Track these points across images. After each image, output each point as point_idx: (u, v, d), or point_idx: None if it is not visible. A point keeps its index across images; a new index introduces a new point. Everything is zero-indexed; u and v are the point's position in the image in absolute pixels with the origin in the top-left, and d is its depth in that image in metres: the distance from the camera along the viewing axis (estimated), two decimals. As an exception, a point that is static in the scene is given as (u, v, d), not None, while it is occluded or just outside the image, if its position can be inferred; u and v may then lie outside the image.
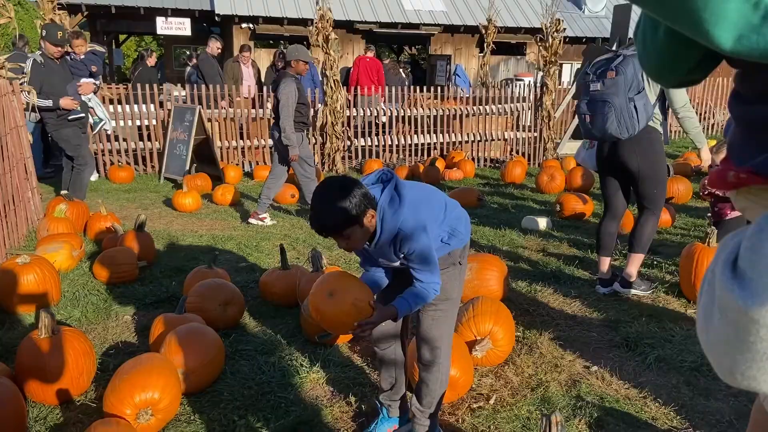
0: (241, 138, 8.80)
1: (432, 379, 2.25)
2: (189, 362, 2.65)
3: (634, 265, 3.90)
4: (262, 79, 11.10)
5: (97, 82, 5.92)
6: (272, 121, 5.88)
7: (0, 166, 4.41)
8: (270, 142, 8.78)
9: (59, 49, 5.62)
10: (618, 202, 3.89)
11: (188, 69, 12.02)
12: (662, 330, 3.35)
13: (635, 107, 3.46)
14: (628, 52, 3.51)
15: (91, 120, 6.44)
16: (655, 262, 4.48)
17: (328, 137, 8.95)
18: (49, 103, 5.53)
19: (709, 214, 4.60)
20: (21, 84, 5.26)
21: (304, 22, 13.97)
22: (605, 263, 3.93)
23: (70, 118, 5.72)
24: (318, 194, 1.97)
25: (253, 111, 8.85)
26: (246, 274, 4.34)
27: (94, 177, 7.95)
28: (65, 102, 5.57)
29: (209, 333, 2.86)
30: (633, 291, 3.89)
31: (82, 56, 5.68)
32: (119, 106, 8.27)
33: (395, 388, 2.41)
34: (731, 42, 0.61)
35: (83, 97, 5.92)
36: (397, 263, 2.12)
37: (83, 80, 5.96)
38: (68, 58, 6.08)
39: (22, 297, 3.45)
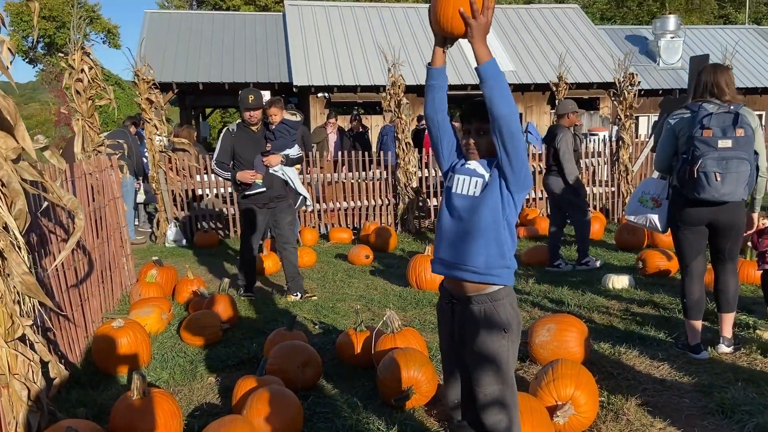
0: (318, 201, 9.10)
1: None
2: (269, 424, 2.71)
3: (728, 324, 3.71)
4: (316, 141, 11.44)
5: (294, 154, 5.53)
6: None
7: (99, 236, 4.78)
8: (345, 204, 9.05)
9: (251, 113, 5.22)
10: (702, 263, 3.73)
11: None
12: (761, 395, 3.12)
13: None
14: (739, 108, 3.42)
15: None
16: (750, 322, 4.20)
17: (401, 198, 9.10)
18: (227, 175, 5.30)
19: None
20: (119, 159, 5.71)
21: (376, 88, 14.51)
22: (697, 327, 3.73)
23: (247, 193, 5.31)
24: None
25: (328, 175, 9.16)
26: (323, 335, 4.41)
27: (181, 243, 8.42)
28: (242, 176, 5.21)
29: (288, 395, 2.92)
30: (723, 349, 3.70)
31: (273, 126, 5.37)
32: (205, 175, 8.80)
33: None
34: None
35: (270, 170, 5.35)
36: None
37: (269, 151, 5.40)
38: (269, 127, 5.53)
39: (117, 359, 3.65)
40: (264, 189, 5.30)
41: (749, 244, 5.35)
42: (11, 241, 2.50)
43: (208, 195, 9.01)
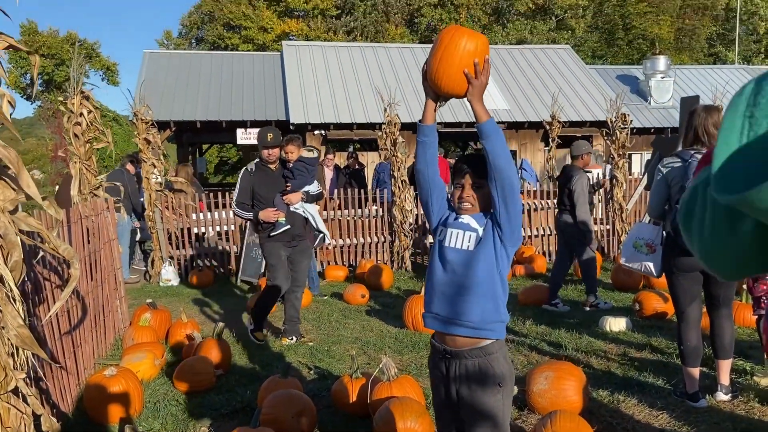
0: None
1: None
2: (263, 480, 2.65)
3: (725, 371, 3.70)
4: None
5: (314, 191, 5.45)
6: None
7: (93, 279, 4.75)
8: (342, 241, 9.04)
9: (269, 152, 5.16)
10: (698, 309, 3.73)
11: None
12: (762, 447, 3.08)
13: None
14: None
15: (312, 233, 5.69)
16: (747, 368, 4.18)
17: (396, 236, 9.11)
18: (249, 215, 5.20)
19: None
20: (116, 203, 5.72)
21: (372, 126, 14.65)
22: (695, 374, 3.71)
23: (272, 234, 5.19)
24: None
25: (324, 213, 9.18)
26: (318, 381, 4.36)
27: (176, 282, 8.37)
28: (264, 214, 5.12)
29: (283, 448, 2.87)
30: (721, 396, 3.68)
31: (291, 163, 5.24)
32: (201, 213, 8.81)
33: None
34: None
35: (291, 208, 5.27)
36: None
37: (289, 189, 5.29)
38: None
39: (109, 408, 3.59)
40: (288, 226, 5.21)
41: (744, 287, 5.36)
42: (6, 293, 2.48)
43: (204, 233, 9.00)
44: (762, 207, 0.65)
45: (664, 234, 3.79)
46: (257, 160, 5.31)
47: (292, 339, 5.36)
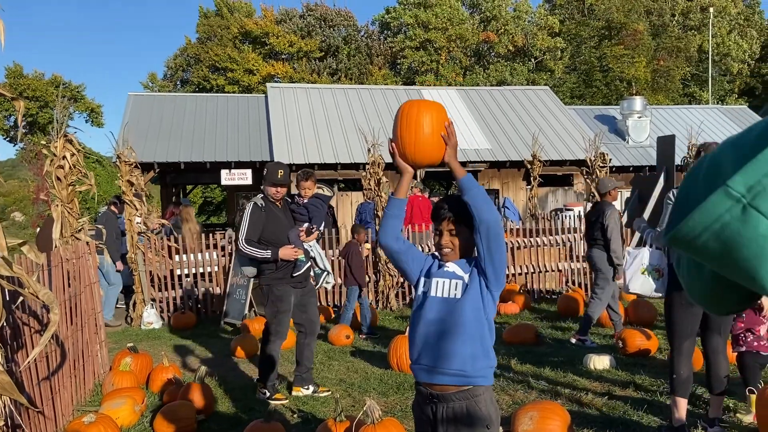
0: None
1: None
2: None
3: (718, 405, 3.75)
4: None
5: (320, 229, 5.22)
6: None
7: (73, 323, 4.69)
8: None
9: (278, 189, 4.87)
10: (693, 343, 3.79)
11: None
12: (747, 485, 3.08)
13: None
14: None
15: (312, 273, 5.33)
16: (730, 405, 4.20)
17: (381, 275, 9.11)
18: (267, 254, 4.73)
19: None
20: (97, 245, 5.68)
21: (356, 166, 14.81)
22: (684, 405, 3.73)
23: (295, 274, 4.88)
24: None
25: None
26: (302, 425, 4.30)
27: (158, 325, 8.26)
28: (285, 252, 4.76)
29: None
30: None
31: (305, 200, 4.99)
32: (184, 255, 8.76)
33: None
34: None
35: (305, 245, 5.04)
36: None
37: (305, 225, 5.08)
38: (290, 200, 5.17)
39: (86, 457, 3.51)
40: (309, 264, 4.99)
41: None
42: (-17, 340, 2.45)
43: (187, 275, 8.93)
44: (684, 238, 0.65)
45: (670, 261, 3.82)
46: (261, 196, 4.96)
47: (308, 389, 5.03)
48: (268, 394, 4.89)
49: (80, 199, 6.09)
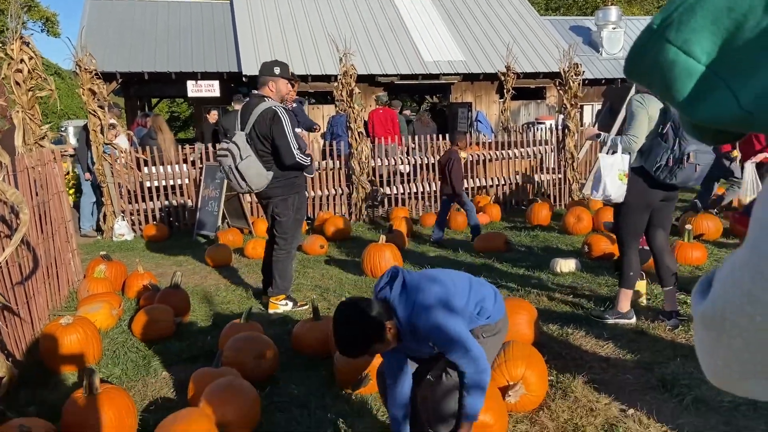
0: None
1: None
2: (226, 416, 2.71)
3: (672, 299, 3.99)
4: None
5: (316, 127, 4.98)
6: None
7: (43, 231, 4.63)
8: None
9: (291, 87, 4.62)
10: (638, 240, 4.05)
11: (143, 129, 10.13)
12: (699, 370, 3.29)
13: None
14: None
15: None
16: (687, 301, 4.43)
17: (354, 188, 9.13)
18: (308, 160, 4.48)
19: None
20: (63, 153, 5.52)
21: (327, 78, 14.47)
22: (630, 294, 4.07)
23: (310, 175, 4.87)
24: (338, 322, 2.12)
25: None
26: (278, 326, 4.42)
27: (130, 237, 8.22)
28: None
29: (245, 386, 2.93)
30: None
31: (293, 105, 4.59)
32: (153, 167, 8.60)
33: None
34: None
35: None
36: (434, 352, 2.25)
37: (299, 129, 4.65)
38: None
39: (66, 357, 3.57)
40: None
41: (687, 226, 5.63)
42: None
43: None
44: (634, 70, 0.66)
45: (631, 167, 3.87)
46: (273, 102, 4.50)
47: (287, 304, 4.88)
48: (290, 304, 4.81)
49: (41, 106, 5.85)
